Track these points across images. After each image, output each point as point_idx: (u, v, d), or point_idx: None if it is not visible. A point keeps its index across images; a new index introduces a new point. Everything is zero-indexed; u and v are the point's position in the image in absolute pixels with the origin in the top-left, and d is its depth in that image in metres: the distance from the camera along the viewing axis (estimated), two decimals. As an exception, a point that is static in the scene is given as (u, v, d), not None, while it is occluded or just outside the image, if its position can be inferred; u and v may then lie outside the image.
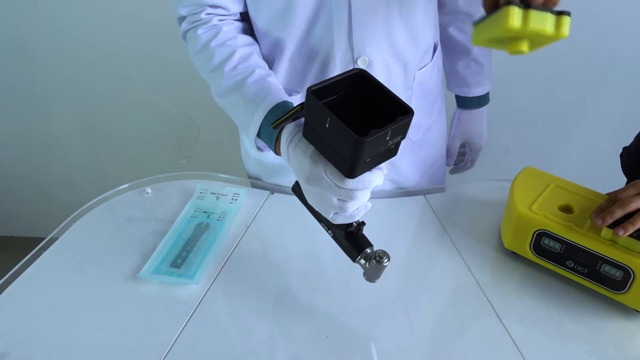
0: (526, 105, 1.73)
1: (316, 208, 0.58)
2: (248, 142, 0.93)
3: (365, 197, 0.55)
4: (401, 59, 0.82)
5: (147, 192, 0.90)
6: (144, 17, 1.58)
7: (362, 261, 0.59)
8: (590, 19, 1.54)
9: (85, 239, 0.81)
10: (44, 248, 0.78)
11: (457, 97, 1.03)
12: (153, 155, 1.89)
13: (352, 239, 0.60)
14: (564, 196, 0.73)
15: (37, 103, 1.79)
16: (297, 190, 0.61)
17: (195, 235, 0.79)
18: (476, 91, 1.00)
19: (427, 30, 0.83)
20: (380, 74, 0.81)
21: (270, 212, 0.86)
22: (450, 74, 1.02)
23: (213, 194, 0.88)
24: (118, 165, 1.93)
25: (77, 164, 1.95)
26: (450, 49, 0.98)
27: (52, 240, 0.80)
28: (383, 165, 0.55)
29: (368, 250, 0.59)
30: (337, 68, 0.79)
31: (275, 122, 0.57)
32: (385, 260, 0.57)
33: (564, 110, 1.73)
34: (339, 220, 0.56)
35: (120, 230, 0.83)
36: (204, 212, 0.84)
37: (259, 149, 0.69)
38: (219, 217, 0.83)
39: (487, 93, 1.02)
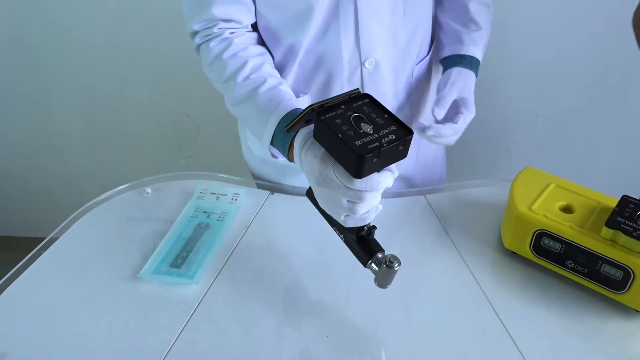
0: (526, 105, 1.73)
1: (327, 211, 0.58)
2: (253, 141, 0.94)
3: (375, 199, 0.55)
4: (405, 56, 0.84)
5: (147, 192, 0.90)
6: (144, 17, 1.58)
7: (373, 266, 0.59)
8: (590, 20, 1.54)
9: (85, 239, 0.81)
10: (44, 248, 0.78)
11: (445, 61, 0.90)
12: (153, 155, 1.89)
13: (363, 243, 0.60)
14: (564, 196, 0.73)
15: (37, 103, 1.80)
16: (310, 194, 0.62)
17: (195, 235, 0.79)
18: (469, 50, 0.87)
19: (427, 24, 0.84)
20: (386, 74, 0.84)
21: (271, 212, 0.86)
22: (443, 36, 0.92)
23: (213, 194, 0.88)
24: (118, 165, 1.93)
25: (77, 164, 1.95)
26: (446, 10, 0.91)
27: (52, 240, 0.80)
28: (393, 167, 0.55)
29: (379, 255, 0.59)
30: (345, 70, 0.81)
31: (288, 125, 0.58)
32: (396, 265, 0.57)
33: (564, 110, 1.73)
34: (351, 223, 0.56)
35: (120, 230, 0.83)
36: (204, 212, 0.84)
37: (273, 156, 0.70)
38: (219, 217, 0.83)
39: (478, 64, 0.88)
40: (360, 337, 0.64)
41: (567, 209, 0.71)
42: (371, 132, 0.51)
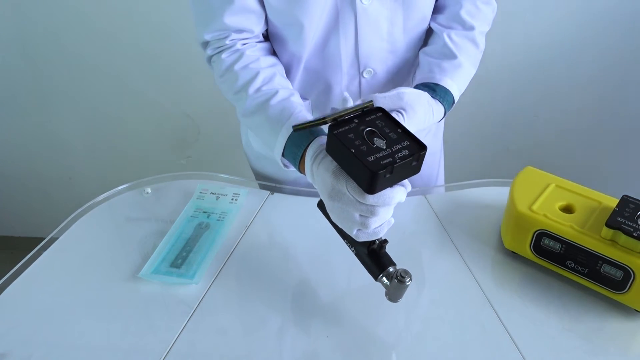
0: (526, 105, 1.73)
1: (339, 225, 0.58)
2: (253, 135, 0.94)
3: (387, 213, 0.55)
4: (402, 64, 0.85)
5: (147, 192, 0.90)
6: (145, 17, 1.58)
7: (384, 280, 0.58)
8: (591, 20, 1.54)
9: (85, 239, 0.81)
10: (44, 248, 0.78)
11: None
12: (153, 155, 1.89)
13: (374, 257, 0.59)
14: (564, 196, 0.73)
15: (37, 103, 1.80)
16: (322, 206, 0.62)
17: (195, 235, 0.79)
18: (440, 80, 0.76)
19: (423, 34, 0.85)
20: (383, 82, 0.85)
21: (271, 212, 0.86)
22: (417, 69, 0.84)
23: (213, 194, 0.88)
24: (118, 165, 1.93)
25: (77, 164, 1.95)
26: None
27: (52, 240, 0.80)
28: (407, 181, 0.55)
29: (391, 269, 0.58)
30: (344, 79, 0.83)
31: (298, 126, 0.57)
32: (407, 280, 0.57)
33: (564, 110, 1.73)
34: (363, 237, 0.56)
35: (120, 230, 0.83)
36: (204, 212, 0.84)
37: (285, 166, 0.70)
38: (219, 217, 0.83)
39: (452, 99, 0.77)
40: (361, 337, 0.64)
41: (567, 209, 0.71)
42: (384, 147, 0.51)
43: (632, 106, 1.70)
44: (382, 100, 0.64)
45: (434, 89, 0.75)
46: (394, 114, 0.63)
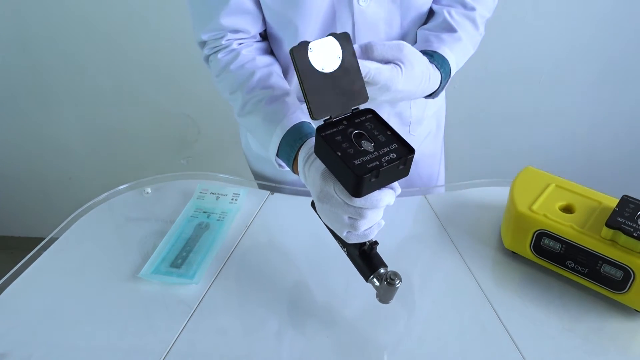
0: (526, 105, 1.73)
1: (330, 226, 0.58)
2: (252, 137, 0.94)
3: (376, 215, 0.54)
4: None
5: (147, 192, 0.90)
6: (145, 17, 1.58)
7: (375, 281, 0.58)
8: (590, 20, 1.54)
9: (85, 239, 0.81)
10: (44, 248, 0.78)
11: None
12: (153, 155, 1.90)
13: (365, 258, 0.59)
14: (564, 196, 0.73)
15: (37, 103, 1.80)
16: (315, 207, 0.62)
17: (195, 235, 0.79)
18: (438, 47, 0.74)
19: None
20: None
21: (270, 212, 0.86)
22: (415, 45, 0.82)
23: (213, 194, 0.88)
24: (118, 165, 1.93)
25: (77, 164, 1.95)
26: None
27: (52, 240, 0.80)
28: (396, 184, 0.55)
29: (381, 271, 0.58)
30: None
31: (293, 50, 0.54)
32: (397, 282, 0.56)
33: (564, 110, 1.74)
34: (353, 239, 0.56)
35: (120, 230, 0.83)
36: (204, 212, 0.84)
37: (280, 166, 0.70)
38: (219, 217, 0.83)
39: (449, 68, 0.75)
40: (360, 337, 0.64)
41: (567, 209, 0.71)
42: (372, 150, 0.51)
43: (632, 106, 1.70)
44: (381, 48, 0.62)
45: (432, 55, 0.72)
46: (390, 66, 0.61)
